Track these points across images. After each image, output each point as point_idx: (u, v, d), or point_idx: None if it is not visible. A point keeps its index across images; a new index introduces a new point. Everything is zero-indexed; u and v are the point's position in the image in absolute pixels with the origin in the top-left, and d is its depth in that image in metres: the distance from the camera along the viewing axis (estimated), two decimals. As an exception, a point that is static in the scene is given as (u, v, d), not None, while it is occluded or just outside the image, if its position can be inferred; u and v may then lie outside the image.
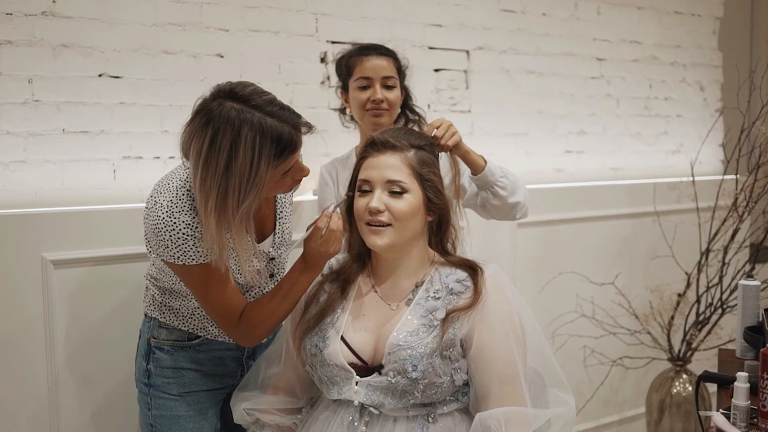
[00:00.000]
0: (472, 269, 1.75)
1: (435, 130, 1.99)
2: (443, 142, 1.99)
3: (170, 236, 1.72)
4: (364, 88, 2.25)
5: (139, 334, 2.06)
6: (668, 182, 3.47)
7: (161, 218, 1.72)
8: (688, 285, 3.22)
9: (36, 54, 2.22)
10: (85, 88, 2.30)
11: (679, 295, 3.22)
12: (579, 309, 3.25)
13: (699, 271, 3.18)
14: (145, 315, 2.02)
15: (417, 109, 2.37)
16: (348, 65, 2.29)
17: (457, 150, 2.07)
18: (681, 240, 3.38)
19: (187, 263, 1.74)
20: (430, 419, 1.70)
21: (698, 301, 3.17)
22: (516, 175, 2.20)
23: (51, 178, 2.27)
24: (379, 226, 1.71)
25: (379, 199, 1.71)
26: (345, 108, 2.39)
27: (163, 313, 1.96)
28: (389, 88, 2.26)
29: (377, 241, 1.71)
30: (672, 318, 3.22)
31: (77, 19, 2.26)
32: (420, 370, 1.65)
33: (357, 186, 1.77)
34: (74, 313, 2.24)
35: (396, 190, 1.71)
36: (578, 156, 3.45)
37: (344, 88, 2.33)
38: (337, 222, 1.77)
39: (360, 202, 1.75)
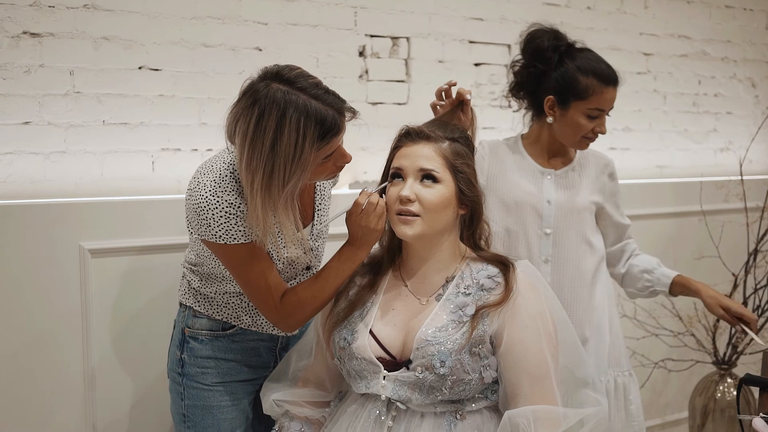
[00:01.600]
0: (504, 265, 1.73)
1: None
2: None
3: (213, 215, 1.73)
4: (593, 117, 2.17)
5: (173, 323, 2.07)
6: (716, 181, 3.38)
7: (204, 197, 1.74)
8: (735, 286, 3.13)
9: (77, 46, 2.25)
10: (125, 81, 2.33)
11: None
12: (620, 309, 3.17)
13: (746, 272, 3.10)
14: (180, 304, 2.03)
15: None
16: (580, 85, 2.16)
17: None
18: (728, 240, 3.30)
19: (229, 242, 1.75)
20: (458, 416, 1.68)
21: (745, 303, 3.09)
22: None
23: (91, 168, 2.31)
24: (409, 216, 1.69)
25: (410, 188, 1.70)
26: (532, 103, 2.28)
27: (198, 301, 1.98)
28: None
29: (406, 231, 1.70)
30: (717, 320, 3.13)
31: (118, 12, 2.30)
32: (448, 366, 1.63)
33: (390, 175, 1.76)
34: (111, 300, 2.27)
35: (428, 180, 1.70)
36: (623, 153, 3.38)
37: (559, 100, 2.18)
38: (376, 196, 1.74)
39: (391, 191, 1.74)
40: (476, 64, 2.98)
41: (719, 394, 3.07)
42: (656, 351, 3.28)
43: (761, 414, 1.73)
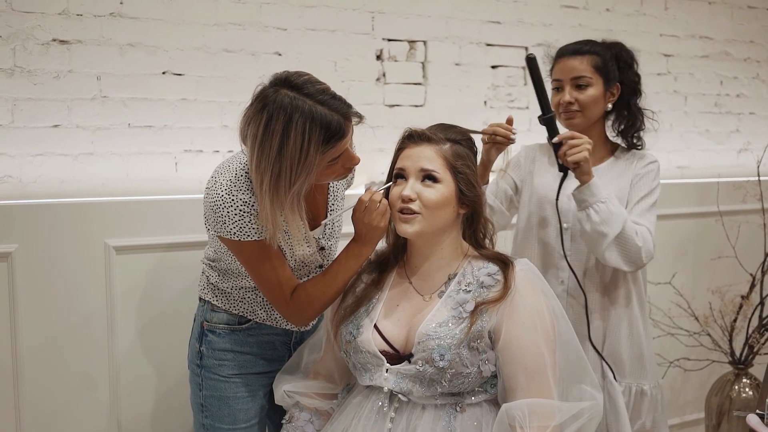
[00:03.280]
0: (504, 263, 1.78)
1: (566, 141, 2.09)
2: (567, 157, 2.08)
3: (228, 212, 1.81)
4: (557, 89, 2.27)
5: (194, 317, 2.15)
6: (733, 181, 3.37)
7: (220, 195, 1.82)
8: (752, 287, 3.12)
9: (104, 53, 2.35)
10: (150, 85, 2.42)
11: (743, 297, 3.13)
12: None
13: (763, 272, 3.09)
14: (200, 299, 2.11)
15: (645, 110, 2.35)
16: (551, 67, 2.32)
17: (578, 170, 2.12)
18: (745, 241, 3.28)
19: (242, 239, 1.83)
20: (458, 408, 1.73)
21: (762, 303, 3.08)
22: (622, 213, 2.16)
23: (117, 169, 2.40)
24: (409, 214, 1.76)
25: (411, 187, 1.76)
26: None
27: (216, 296, 2.05)
28: (581, 87, 2.23)
29: (407, 228, 1.76)
30: (734, 320, 3.13)
31: (143, 19, 2.39)
32: (447, 359, 1.68)
33: (393, 176, 1.83)
34: (135, 296, 2.36)
35: (429, 180, 1.76)
36: (642, 154, 3.39)
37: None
38: (379, 195, 1.82)
39: (394, 191, 1.81)
40: (493, 67, 3.02)
41: (735, 394, 3.07)
42: (674, 350, 3.28)
43: (757, 411, 1.75)
